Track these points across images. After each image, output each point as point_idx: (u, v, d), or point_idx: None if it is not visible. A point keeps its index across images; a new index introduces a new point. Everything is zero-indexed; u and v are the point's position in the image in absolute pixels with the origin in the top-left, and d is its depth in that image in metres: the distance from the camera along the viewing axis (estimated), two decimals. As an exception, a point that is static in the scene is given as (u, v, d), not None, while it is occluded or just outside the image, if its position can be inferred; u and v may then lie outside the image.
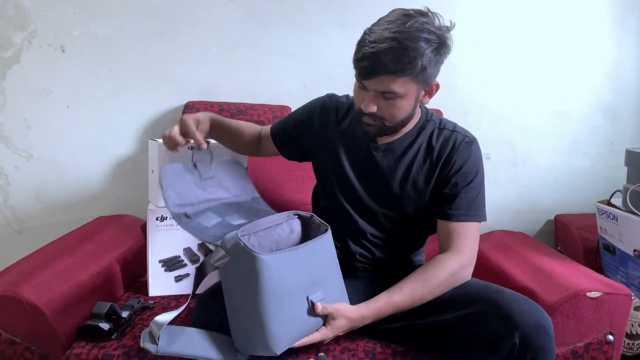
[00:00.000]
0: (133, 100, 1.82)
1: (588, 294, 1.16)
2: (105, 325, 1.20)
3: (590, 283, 1.21)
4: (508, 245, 1.62)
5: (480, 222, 1.20)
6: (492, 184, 1.92)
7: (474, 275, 1.50)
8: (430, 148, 1.22)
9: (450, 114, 1.82)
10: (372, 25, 1.08)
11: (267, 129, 1.40)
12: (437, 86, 1.15)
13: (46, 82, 1.79)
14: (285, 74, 1.85)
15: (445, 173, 1.20)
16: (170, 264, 1.46)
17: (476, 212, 1.19)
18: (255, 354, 1.02)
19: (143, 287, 1.52)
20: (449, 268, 1.13)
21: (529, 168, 1.95)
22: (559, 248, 1.86)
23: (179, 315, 1.04)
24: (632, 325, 1.34)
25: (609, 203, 1.57)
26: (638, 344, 1.31)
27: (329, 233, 1.13)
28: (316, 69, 1.85)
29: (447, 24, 1.09)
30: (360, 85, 1.12)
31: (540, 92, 1.91)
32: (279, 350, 1.00)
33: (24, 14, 1.75)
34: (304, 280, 1.06)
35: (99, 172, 1.85)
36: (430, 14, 1.08)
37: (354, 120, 1.25)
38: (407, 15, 1.05)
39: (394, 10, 1.09)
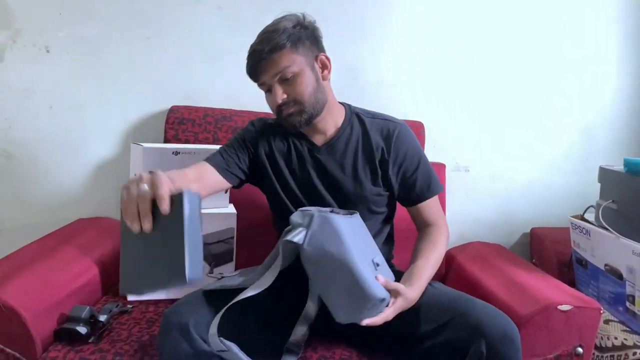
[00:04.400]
0: (117, 103, 1.81)
1: (559, 307, 1.19)
2: (82, 329, 1.20)
3: (562, 296, 1.25)
4: (484, 257, 1.65)
5: (439, 193, 1.35)
6: (470, 196, 1.97)
7: (450, 283, 1.54)
8: (366, 135, 1.30)
9: (433, 126, 1.86)
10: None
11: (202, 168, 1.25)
12: (328, 59, 1.26)
13: (29, 81, 1.78)
14: (270, 82, 1.86)
15: (394, 163, 1.29)
16: (150, 268, 1.46)
17: (434, 185, 1.32)
18: (366, 312, 1.03)
19: (121, 291, 1.51)
20: (443, 234, 1.31)
21: (507, 182, 1.99)
22: (534, 260, 1.90)
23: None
24: (602, 338, 1.37)
25: (582, 218, 1.61)
26: (607, 356, 1.34)
27: (358, 215, 1.19)
28: (301, 77, 1.86)
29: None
30: (264, 89, 1.24)
31: (518, 110, 1.96)
32: (381, 293, 1.02)
33: (8, 13, 1.74)
34: (365, 244, 1.12)
35: (79, 173, 1.84)
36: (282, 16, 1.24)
37: (282, 127, 1.28)
38: (267, 25, 1.23)
39: None
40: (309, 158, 1.30)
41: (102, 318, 1.26)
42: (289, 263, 1.11)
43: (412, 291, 1.11)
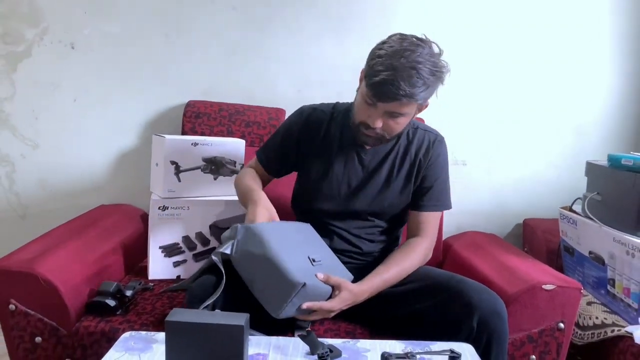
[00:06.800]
0: (137, 97, 1.93)
1: (543, 286, 1.31)
2: (111, 302, 1.33)
3: (546, 277, 1.36)
4: (479, 244, 1.77)
5: (444, 210, 1.42)
6: (467, 188, 2.08)
7: (446, 268, 1.65)
8: (408, 146, 1.38)
9: (432, 122, 1.96)
10: (384, 49, 1.16)
11: (257, 165, 1.48)
12: (427, 105, 1.29)
13: (55, 76, 1.90)
14: (281, 78, 1.97)
15: (422, 169, 1.37)
16: (170, 250, 1.59)
17: (443, 202, 1.40)
18: (288, 304, 1.09)
19: (141, 271, 1.64)
20: (422, 251, 1.34)
21: (502, 176, 2.10)
22: (525, 249, 2.01)
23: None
24: (584, 318, 1.49)
25: (570, 209, 1.72)
26: (588, 334, 1.46)
27: (309, 225, 1.31)
28: (310, 75, 1.97)
29: (438, 50, 1.22)
30: (370, 103, 1.21)
31: (514, 108, 2.06)
32: (304, 279, 1.08)
33: (37, 12, 1.86)
34: (300, 244, 1.20)
35: (101, 163, 1.97)
36: (429, 42, 1.21)
37: (344, 128, 1.37)
38: (416, 45, 1.17)
39: (403, 37, 1.19)
40: (354, 156, 1.38)
41: (128, 293, 1.39)
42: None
43: (358, 287, 1.20)
